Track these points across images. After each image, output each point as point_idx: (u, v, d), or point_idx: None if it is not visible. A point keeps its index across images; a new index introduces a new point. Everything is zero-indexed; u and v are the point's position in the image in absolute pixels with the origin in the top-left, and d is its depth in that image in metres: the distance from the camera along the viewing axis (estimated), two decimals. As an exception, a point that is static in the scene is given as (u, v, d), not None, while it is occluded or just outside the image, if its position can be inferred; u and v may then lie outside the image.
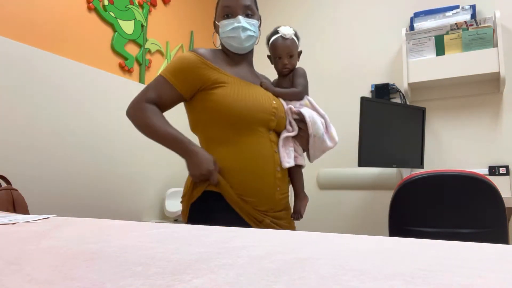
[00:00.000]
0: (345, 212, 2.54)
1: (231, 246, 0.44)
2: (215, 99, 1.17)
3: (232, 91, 1.18)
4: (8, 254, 0.41)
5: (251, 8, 1.28)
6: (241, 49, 1.28)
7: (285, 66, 1.35)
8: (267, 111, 1.21)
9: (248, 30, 1.25)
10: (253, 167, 1.18)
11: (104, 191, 2.00)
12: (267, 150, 1.20)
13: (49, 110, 1.75)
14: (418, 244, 0.45)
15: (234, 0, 1.25)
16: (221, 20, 1.28)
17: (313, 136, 1.27)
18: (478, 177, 1.51)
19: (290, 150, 1.27)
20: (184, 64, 1.21)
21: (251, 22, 1.27)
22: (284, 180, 1.26)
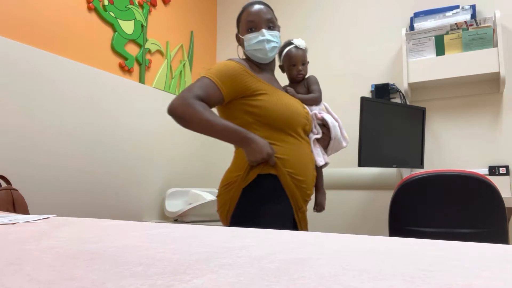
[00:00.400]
0: (345, 212, 2.54)
1: (231, 246, 0.44)
2: (261, 105, 1.29)
3: (275, 99, 1.32)
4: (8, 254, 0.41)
5: (272, 20, 1.39)
6: (266, 59, 1.40)
7: (299, 72, 1.53)
8: (304, 116, 1.38)
9: (272, 42, 1.37)
10: (300, 161, 1.33)
11: (104, 191, 2.00)
12: (307, 149, 1.38)
13: (49, 110, 1.76)
14: (418, 244, 0.45)
15: (257, 15, 1.36)
16: (245, 34, 1.38)
17: (333, 138, 1.47)
18: (478, 177, 1.51)
19: (319, 151, 1.47)
20: (230, 70, 1.30)
21: (273, 33, 1.38)
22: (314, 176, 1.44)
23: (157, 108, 2.38)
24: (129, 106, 2.19)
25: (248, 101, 1.30)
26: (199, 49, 2.88)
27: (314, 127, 1.47)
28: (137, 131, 2.23)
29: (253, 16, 1.36)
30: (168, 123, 2.51)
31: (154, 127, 2.35)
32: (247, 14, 1.38)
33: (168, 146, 2.45)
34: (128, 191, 2.15)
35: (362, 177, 2.49)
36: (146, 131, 2.30)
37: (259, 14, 1.36)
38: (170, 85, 2.54)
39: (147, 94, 2.33)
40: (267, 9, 1.39)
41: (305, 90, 1.55)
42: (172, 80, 2.56)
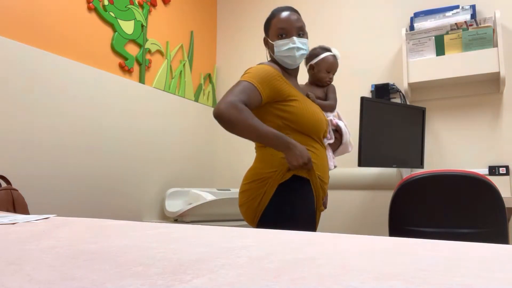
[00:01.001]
0: (345, 212, 2.54)
1: (231, 246, 0.44)
2: (294, 111, 1.36)
3: (304, 106, 1.39)
4: (8, 254, 0.41)
5: (302, 28, 1.42)
6: (294, 65, 1.44)
7: (331, 79, 1.65)
8: (325, 124, 1.47)
9: (301, 50, 1.40)
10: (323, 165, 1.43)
11: (104, 191, 2.00)
12: (325, 154, 1.47)
13: (49, 110, 1.76)
14: (418, 244, 0.45)
15: (288, 23, 1.39)
16: (275, 39, 1.41)
17: (343, 143, 1.59)
18: (478, 177, 1.51)
19: (331, 155, 1.56)
20: (268, 75, 1.35)
21: (303, 41, 1.41)
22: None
23: (157, 108, 2.38)
24: (129, 106, 2.19)
25: (281, 106, 1.36)
26: (199, 49, 2.88)
27: (328, 132, 1.54)
28: (137, 131, 2.23)
29: (285, 23, 1.38)
30: (168, 123, 2.52)
31: (154, 127, 2.35)
32: (278, 20, 1.40)
33: (168, 146, 2.45)
34: (128, 191, 2.15)
35: (362, 177, 2.49)
36: (146, 131, 2.30)
37: (291, 22, 1.39)
38: (170, 85, 2.54)
39: (147, 94, 2.33)
40: (298, 17, 1.42)
41: (323, 96, 1.66)
42: (172, 80, 2.56)
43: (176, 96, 2.57)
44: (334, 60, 1.64)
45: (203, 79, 2.88)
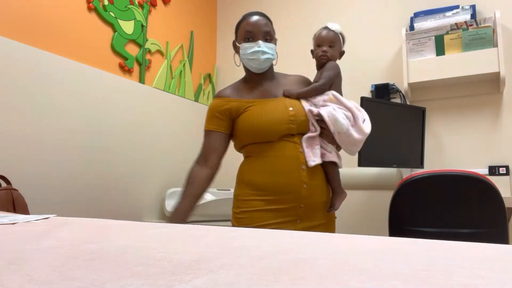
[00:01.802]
0: (345, 212, 2.54)
1: (231, 246, 0.44)
2: (241, 123, 1.36)
3: (253, 112, 1.35)
4: (8, 254, 0.41)
5: (270, 34, 1.40)
6: (259, 69, 1.42)
7: (324, 53, 1.45)
8: (284, 121, 1.34)
9: (266, 54, 1.38)
10: (276, 168, 1.32)
11: (104, 191, 2.00)
12: (290, 152, 1.33)
13: (49, 110, 1.76)
14: (418, 244, 0.45)
15: (255, 26, 1.38)
16: (242, 42, 1.41)
17: (337, 133, 1.34)
18: (478, 177, 1.51)
19: (316, 149, 1.36)
20: (212, 109, 1.41)
21: (269, 46, 1.39)
22: (315, 178, 1.35)
23: (157, 108, 2.38)
24: (129, 106, 2.19)
25: (236, 123, 1.39)
26: (199, 49, 2.88)
27: (311, 124, 1.37)
28: (137, 131, 2.23)
29: (252, 27, 1.38)
30: (168, 123, 2.52)
31: (154, 127, 2.35)
32: (246, 24, 1.40)
33: (168, 146, 2.45)
34: (128, 191, 2.15)
35: (362, 177, 2.49)
36: (146, 131, 2.30)
37: (258, 26, 1.38)
38: (170, 85, 2.54)
39: (147, 94, 2.33)
40: (266, 22, 1.41)
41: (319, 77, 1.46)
42: (172, 80, 2.56)
43: (176, 96, 2.57)
44: (326, 33, 1.47)
45: (203, 79, 2.88)
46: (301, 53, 2.82)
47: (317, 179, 1.36)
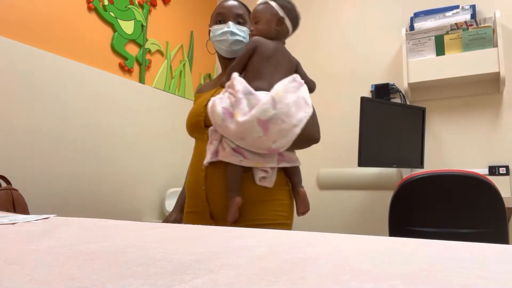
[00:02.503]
0: (345, 212, 2.54)
1: (231, 246, 0.44)
2: None
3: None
4: (8, 254, 0.41)
5: (243, 17, 1.33)
6: (229, 52, 1.32)
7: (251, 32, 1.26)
8: (196, 114, 1.24)
9: (236, 35, 1.30)
10: (190, 167, 1.27)
11: (104, 191, 2.00)
12: (198, 148, 1.23)
13: (49, 110, 1.76)
14: (418, 244, 0.45)
15: (227, 8, 1.32)
16: (213, 25, 1.35)
17: (217, 126, 1.12)
18: (478, 177, 1.51)
19: (212, 145, 1.13)
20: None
21: (241, 28, 1.31)
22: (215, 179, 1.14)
23: (157, 108, 2.38)
24: (129, 106, 2.19)
25: None
26: (199, 49, 2.88)
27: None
28: (137, 131, 2.23)
29: (223, 9, 1.32)
30: (168, 123, 2.52)
31: (154, 127, 2.35)
32: (218, 7, 1.35)
33: (168, 146, 2.45)
34: (128, 191, 2.15)
35: (362, 177, 2.49)
36: (146, 131, 2.30)
37: (230, 8, 1.32)
38: (170, 85, 2.54)
39: (147, 94, 2.33)
40: (239, 5, 1.34)
41: None
42: (172, 80, 2.56)
43: (176, 96, 2.57)
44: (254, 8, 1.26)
45: (203, 79, 2.88)
46: (301, 52, 2.82)
47: (218, 181, 1.14)
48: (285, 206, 1.21)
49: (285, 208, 1.20)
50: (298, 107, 1.11)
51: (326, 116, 2.67)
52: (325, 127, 2.65)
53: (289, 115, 1.07)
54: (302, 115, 1.10)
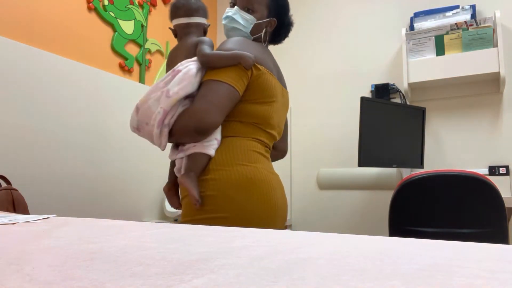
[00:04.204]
0: (345, 212, 2.54)
1: (231, 246, 0.44)
2: None
3: None
4: (8, 254, 0.41)
5: (252, 4, 1.27)
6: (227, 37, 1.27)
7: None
8: None
9: (235, 22, 1.25)
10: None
11: (104, 191, 2.00)
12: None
13: (49, 110, 1.75)
14: (418, 244, 0.45)
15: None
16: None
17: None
18: (478, 177, 1.51)
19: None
20: None
21: (245, 16, 1.26)
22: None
23: (157, 108, 2.38)
24: (129, 106, 2.19)
25: None
26: (199, 49, 2.87)
27: None
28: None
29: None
30: (168, 123, 2.51)
31: (154, 127, 2.35)
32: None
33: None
34: (128, 191, 2.15)
35: (362, 177, 2.49)
36: (146, 131, 2.30)
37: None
38: (170, 85, 2.54)
39: (147, 94, 2.33)
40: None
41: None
42: (172, 80, 2.56)
43: (176, 96, 2.57)
44: None
45: (203, 79, 2.88)
46: (301, 52, 2.82)
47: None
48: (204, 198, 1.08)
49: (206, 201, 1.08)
50: (157, 104, 1.09)
51: (326, 116, 2.67)
52: (325, 127, 2.66)
53: (148, 117, 1.10)
54: (158, 111, 1.08)
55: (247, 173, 1.10)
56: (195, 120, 1.07)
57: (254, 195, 1.09)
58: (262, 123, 1.20)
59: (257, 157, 1.16)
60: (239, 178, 1.09)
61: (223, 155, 1.11)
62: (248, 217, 1.07)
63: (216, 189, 1.08)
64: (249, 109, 1.17)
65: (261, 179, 1.12)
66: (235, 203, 1.07)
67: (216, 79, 1.10)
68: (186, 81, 1.09)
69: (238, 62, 1.11)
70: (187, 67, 1.12)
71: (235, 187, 1.08)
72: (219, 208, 1.07)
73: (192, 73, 1.10)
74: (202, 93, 1.10)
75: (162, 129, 1.09)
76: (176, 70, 1.11)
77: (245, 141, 1.16)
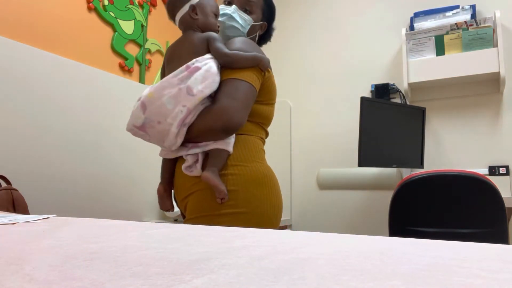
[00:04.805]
0: (345, 212, 2.54)
1: (231, 246, 0.44)
2: None
3: None
4: (8, 254, 0.41)
5: (251, 5, 1.27)
6: (223, 36, 1.27)
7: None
8: None
9: (234, 21, 1.25)
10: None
11: (104, 191, 2.00)
12: None
13: (49, 110, 1.76)
14: (418, 244, 0.45)
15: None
16: (221, 4, 1.30)
17: None
18: (478, 177, 1.51)
19: None
20: None
21: (243, 16, 1.26)
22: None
23: (157, 108, 2.38)
24: (129, 106, 2.19)
25: None
26: (199, 49, 2.87)
27: None
28: (137, 131, 2.23)
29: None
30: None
31: (154, 127, 2.35)
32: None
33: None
34: (128, 191, 2.15)
35: (362, 177, 2.49)
36: (146, 131, 2.30)
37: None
38: (170, 85, 2.54)
39: (147, 94, 2.33)
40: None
41: None
42: (172, 80, 2.56)
43: (176, 96, 2.57)
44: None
45: (203, 79, 2.88)
46: (301, 52, 2.82)
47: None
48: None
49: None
50: (176, 101, 1.04)
51: (326, 116, 2.67)
52: (325, 127, 2.66)
53: (163, 115, 1.04)
54: (178, 109, 1.03)
55: (263, 170, 1.14)
56: (225, 119, 1.04)
57: (271, 190, 1.13)
58: (266, 123, 1.25)
59: (264, 155, 1.22)
60: (257, 174, 1.12)
61: (239, 152, 1.13)
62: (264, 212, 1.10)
63: (236, 184, 1.08)
64: (258, 109, 1.19)
65: (273, 176, 1.18)
66: (255, 199, 1.09)
67: (239, 78, 1.10)
68: (210, 80, 1.06)
69: (257, 64, 1.13)
70: (207, 64, 1.08)
71: (255, 183, 1.10)
72: (240, 203, 1.07)
73: (214, 71, 1.08)
74: (227, 91, 1.08)
75: (181, 129, 1.05)
76: (193, 66, 1.07)
77: (255, 139, 1.19)
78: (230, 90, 1.08)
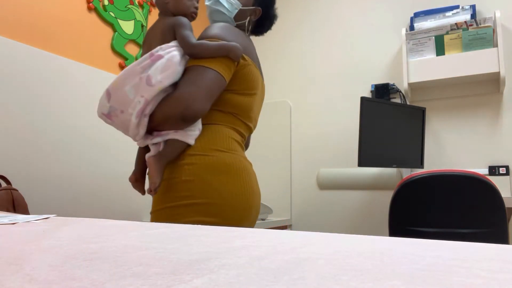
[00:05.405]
0: (345, 212, 2.54)
1: (231, 246, 0.44)
2: None
3: None
4: (8, 254, 0.41)
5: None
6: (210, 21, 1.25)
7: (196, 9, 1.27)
8: None
9: (219, 5, 1.21)
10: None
11: (104, 191, 2.00)
12: None
13: (49, 110, 1.76)
14: (418, 244, 0.45)
15: None
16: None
17: None
18: (479, 177, 1.51)
19: None
20: None
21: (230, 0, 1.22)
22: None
23: (157, 108, 2.38)
24: (129, 106, 2.20)
25: None
26: (199, 49, 2.87)
27: None
28: (137, 131, 2.23)
29: None
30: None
31: (154, 127, 2.35)
32: None
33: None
34: (129, 191, 2.15)
35: (362, 177, 2.49)
36: (146, 131, 2.30)
37: None
38: (170, 85, 2.54)
39: (147, 94, 2.33)
40: None
41: None
42: (172, 80, 2.56)
43: (176, 96, 2.57)
44: None
45: (203, 79, 2.88)
46: (301, 52, 2.82)
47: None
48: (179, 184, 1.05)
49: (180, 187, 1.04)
50: (136, 91, 1.01)
51: (326, 116, 2.67)
52: (325, 127, 2.66)
53: (125, 104, 1.02)
54: (137, 100, 1.00)
55: (225, 158, 1.07)
56: (182, 106, 1.00)
57: (232, 180, 1.06)
58: (242, 114, 1.18)
59: (235, 145, 1.14)
60: (216, 163, 1.05)
61: (201, 141, 1.08)
62: (225, 202, 1.04)
63: (192, 174, 1.04)
64: (230, 99, 1.14)
65: (239, 165, 1.09)
66: (213, 188, 1.03)
67: (204, 65, 1.06)
68: (171, 70, 1.02)
69: (226, 54, 1.07)
70: (170, 53, 1.04)
71: (212, 172, 1.04)
72: (196, 194, 1.03)
73: (176, 60, 1.04)
74: (189, 78, 1.04)
75: (142, 119, 1.03)
76: (156, 54, 1.03)
77: (224, 128, 1.13)
78: (192, 77, 1.04)
